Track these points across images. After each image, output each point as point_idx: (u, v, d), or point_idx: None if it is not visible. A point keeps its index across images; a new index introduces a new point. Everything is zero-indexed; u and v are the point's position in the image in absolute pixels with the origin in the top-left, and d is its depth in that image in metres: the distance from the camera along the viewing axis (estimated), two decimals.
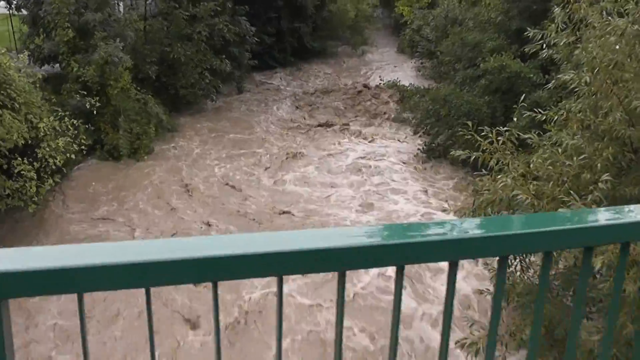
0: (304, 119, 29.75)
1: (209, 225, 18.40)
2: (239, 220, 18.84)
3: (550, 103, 15.43)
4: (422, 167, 23.09)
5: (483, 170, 9.84)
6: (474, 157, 9.62)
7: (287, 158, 24.04)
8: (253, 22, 32.33)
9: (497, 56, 20.67)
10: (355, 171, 22.75)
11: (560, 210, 7.85)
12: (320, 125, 28.62)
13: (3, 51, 17.73)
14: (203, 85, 28.25)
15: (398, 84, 31.44)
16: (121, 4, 28.07)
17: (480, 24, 23.95)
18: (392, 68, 39.49)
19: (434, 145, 23.85)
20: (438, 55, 29.61)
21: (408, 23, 41.15)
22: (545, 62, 18.81)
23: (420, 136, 25.64)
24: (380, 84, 33.44)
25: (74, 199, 19.51)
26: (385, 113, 30.12)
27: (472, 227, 1.67)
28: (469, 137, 10.27)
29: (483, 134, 9.66)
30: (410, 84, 31.32)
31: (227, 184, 21.38)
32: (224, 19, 28.92)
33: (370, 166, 23.20)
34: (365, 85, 35.04)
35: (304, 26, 40.14)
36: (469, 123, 10.06)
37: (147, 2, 28.08)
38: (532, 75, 19.62)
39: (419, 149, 24.32)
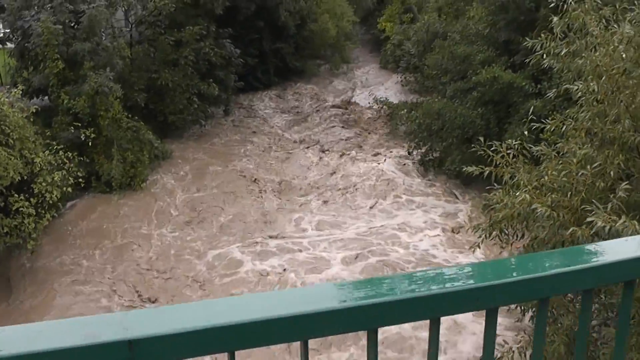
0: (293, 142, 29.47)
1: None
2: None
3: (544, 112, 15.52)
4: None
5: (495, 184, 9.80)
6: (487, 172, 9.60)
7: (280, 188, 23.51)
8: (236, 44, 32.22)
9: (488, 68, 20.79)
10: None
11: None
12: (308, 147, 28.26)
13: None
14: (191, 110, 28.01)
15: (386, 101, 31.38)
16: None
17: (468, 37, 24.09)
18: (376, 84, 39.54)
19: (427, 159, 24.00)
20: (422, 70, 29.68)
21: (390, 38, 41.38)
22: (535, 72, 18.95)
23: (408, 149, 25.63)
24: (369, 102, 33.49)
25: (57, 241, 18.71)
26: (378, 129, 30.11)
27: (558, 263, 1.64)
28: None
29: (493, 148, 9.68)
30: (400, 101, 31.24)
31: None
32: (209, 42, 28.86)
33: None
34: (351, 103, 35.14)
35: (286, 46, 40.11)
36: (481, 138, 9.99)
37: (130, 28, 27.98)
38: (525, 85, 19.73)
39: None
